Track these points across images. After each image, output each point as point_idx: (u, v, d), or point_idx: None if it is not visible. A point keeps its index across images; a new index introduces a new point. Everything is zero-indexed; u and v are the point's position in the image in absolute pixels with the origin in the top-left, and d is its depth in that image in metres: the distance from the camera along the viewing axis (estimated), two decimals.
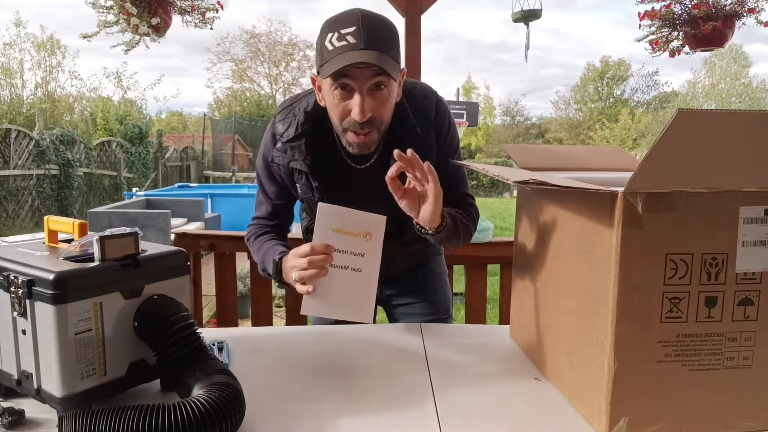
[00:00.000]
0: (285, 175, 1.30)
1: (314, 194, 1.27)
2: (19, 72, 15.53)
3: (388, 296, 1.56)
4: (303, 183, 1.28)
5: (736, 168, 0.77)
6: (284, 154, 1.26)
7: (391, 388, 1.00)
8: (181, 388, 0.84)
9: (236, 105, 26.35)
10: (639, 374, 0.82)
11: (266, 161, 1.32)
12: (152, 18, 2.78)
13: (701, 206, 0.78)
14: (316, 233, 1.05)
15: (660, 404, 0.83)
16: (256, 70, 27.96)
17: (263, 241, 1.33)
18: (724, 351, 0.82)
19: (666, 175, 0.76)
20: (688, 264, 0.79)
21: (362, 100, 1.09)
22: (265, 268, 1.29)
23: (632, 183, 0.77)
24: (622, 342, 0.81)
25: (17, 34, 15.73)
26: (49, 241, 0.97)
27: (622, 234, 0.78)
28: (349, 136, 1.15)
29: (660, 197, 0.78)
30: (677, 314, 0.80)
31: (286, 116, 1.28)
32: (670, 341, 0.81)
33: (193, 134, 21.97)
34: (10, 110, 12.90)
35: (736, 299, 0.81)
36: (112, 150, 13.06)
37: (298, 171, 1.26)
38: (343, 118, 1.14)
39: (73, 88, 17.74)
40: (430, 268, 1.56)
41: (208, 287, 2.44)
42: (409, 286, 1.54)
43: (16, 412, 0.84)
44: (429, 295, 1.54)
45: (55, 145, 10.86)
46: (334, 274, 1.05)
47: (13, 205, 9.91)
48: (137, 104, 17.22)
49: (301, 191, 1.31)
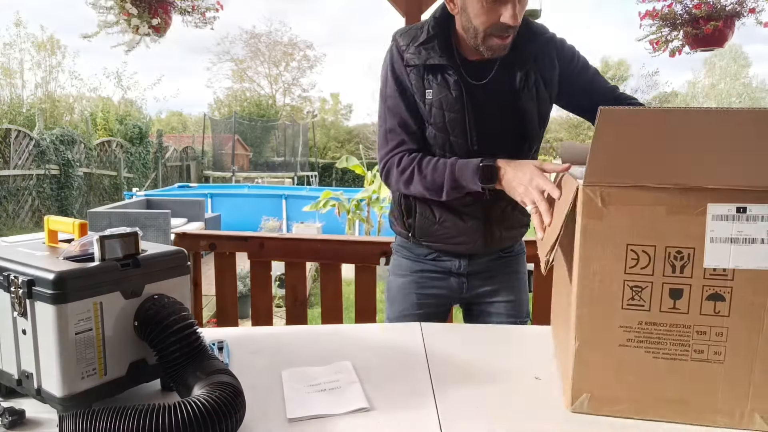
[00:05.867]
0: (416, 81, 1.32)
1: (451, 91, 1.30)
2: (19, 72, 15.56)
3: (474, 295, 1.53)
4: (438, 83, 1.31)
5: (706, 165, 0.79)
6: (419, 55, 1.31)
7: (391, 388, 1.00)
8: (182, 387, 0.84)
9: (236, 105, 26.35)
10: (600, 355, 0.86)
11: (396, 75, 1.35)
12: (153, 18, 2.78)
13: (666, 201, 0.81)
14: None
15: (623, 386, 0.87)
16: (256, 70, 27.97)
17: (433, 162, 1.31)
18: (692, 343, 0.84)
19: (628, 170, 0.80)
20: (651, 255, 0.82)
21: (514, 4, 1.19)
22: (461, 186, 1.27)
23: (589, 176, 0.82)
24: (582, 324, 0.86)
25: (17, 34, 15.77)
26: (49, 241, 0.97)
27: (582, 224, 0.83)
28: (493, 41, 1.24)
29: (621, 191, 0.81)
30: (639, 302, 0.84)
31: (407, 31, 1.37)
32: (632, 327, 0.85)
33: (193, 134, 21.99)
34: (10, 110, 12.89)
35: (705, 293, 0.82)
36: (112, 150, 13.06)
37: (434, 70, 1.30)
38: (489, 24, 1.21)
39: (73, 88, 17.81)
40: (516, 269, 1.56)
41: (208, 287, 2.44)
42: (496, 284, 1.53)
43: (16, 412, 0.84)
44: (514, 296, 1.54)
45: (55, 145, 10.87)
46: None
47: (13, 205, 9.92)
48: (137, 104, 17.24)
49: (434, 96, 1.31)
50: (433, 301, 1.54)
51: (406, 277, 1.55)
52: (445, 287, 1.52)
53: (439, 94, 1.31)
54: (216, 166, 17.54)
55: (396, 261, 1.60)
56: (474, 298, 1.54)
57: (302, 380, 1.01)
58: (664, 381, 0.85)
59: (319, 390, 0.98)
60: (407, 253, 1.56)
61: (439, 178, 1.30)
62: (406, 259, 1.56)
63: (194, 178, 16.34)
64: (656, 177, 0.80)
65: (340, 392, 0.97)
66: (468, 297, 1.54)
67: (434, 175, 1.30)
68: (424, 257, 1.52)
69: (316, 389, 0.98)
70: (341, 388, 0.99)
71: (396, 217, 1.54)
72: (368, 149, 24.32)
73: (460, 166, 1.27)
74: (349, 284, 2.43)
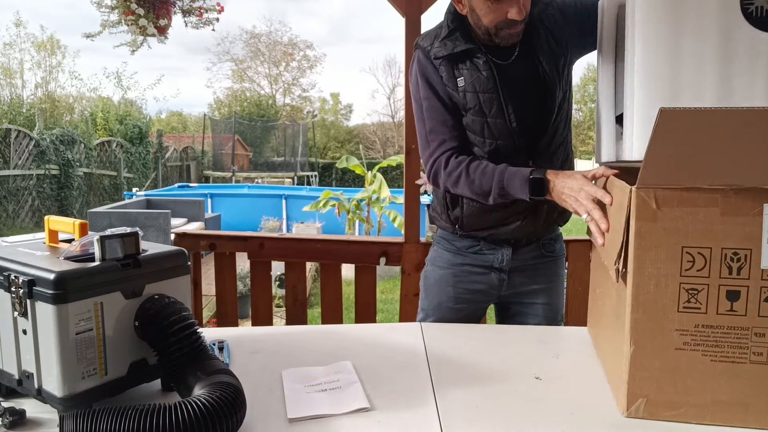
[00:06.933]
0: (446, 73, 1.36)
1: (481, 72, 1.33)
2: (19, 72, 15.54)
3: (513, 294, 1.52)
4: (468, 68, 1.34)
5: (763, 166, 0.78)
6: (445, 47, 1.35)
7: (392, 388, 1.00)
8: (182, 387, 0.84)
9: (236, 105, 26.33)
10: (656, 359, 0.85)
11: (426, 76, 1.39)
12: (159, 19, 2.78)
13: (721, 202, 0.80)
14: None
15: (680, 390, 0.85)
16: (256, 70, 27.95)
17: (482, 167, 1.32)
18: (751, 345, 0.82)
19: (684, 171, 0.79)
20: (706, 258, 0.81)
21: (518, 0, 1.23)
22: (508, 193, 1.28)
23: (643, 179, 0.81)
24: (637, 328, 0.85)
25: (17, 34, 15.75)
26: (50, 241, 0.97)
27: (636, 226, 0.83)
28: (503, 33, 1.29)
29: (675, 193, 0.80)
30: (696, 305, 0.83)
31: (427, 34, 1.42)
32: (689, 330, 0.83)
33: (193, 134, 21.98)
34: (10, 110, 12.89)
35: (763, 295, 0.81)
36: (112, 150, 13.06)
37: (462, 58, 1.34)
38: (497, 21, 1.27)
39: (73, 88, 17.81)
40: (557, 271, 1.55)
41: (208, 287, 2.44)
42: (537, 284, 1.52)
43: (17, 412, 0.84)
44: (553, 298, 1.53)
45: (55, 145, 10.86)
46: None
47: (13, 205, 9.91)
48: (137, 104, 17.20)
49: (466, 82, 1.34)
50: (471, 297, 1.51)
51: (446, 270, 1.52)
52: (484, 282, 1.49)
53: (471, 78, 1.34)
54: (216, 166, 17.53)
55: (436, 252, 1.57)
56: (512, 297, 1.52)
57: (302, 380, 1.01)
58: (722, 384, 0.84)
59: (319, 390, 0.98)
60: (449, 246, 1.53)
61: (486, 184, 1.31)
62: (447, 251, 1.53)
63: (194, 178, 16.33)
64: (711, 178, 0.80)
65: (340, 392, 0.97)
66: (506, 295, 1.52)
67: (482, 180, 1.31)
68: (467, 250, 1.50)
69: (316, 389, 0.98)
70: (341, 388, 0.99)
71: (439, 212, 1.53)
72: (368, 149, 24.35)
73: (509, 175, 1.28)
74: (349, 284, 2.44)
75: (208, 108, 28.15)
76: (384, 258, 2.17)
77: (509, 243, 1.47)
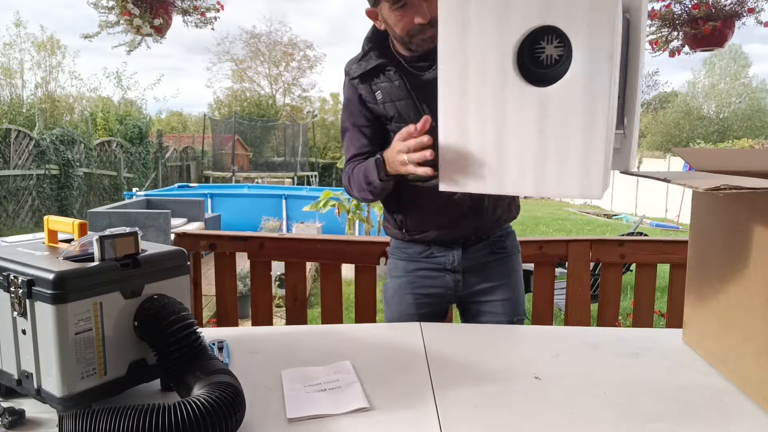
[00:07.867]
0: (365, 91, 1.43)
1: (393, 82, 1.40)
2: (19, 72, 15.55)
3: (469, 293, 1.55)
4: (382, 81, 1.41)
5: None
6: (360, 66, 1.43)
7: (391, 388, 1.00)
8: (181, 387, 0.84)
9: (236, 105, 26.35)
10: None
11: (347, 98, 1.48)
12: (155, 19, 2.78)
13: None
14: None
15: None
16: (256, 70, 27.98)
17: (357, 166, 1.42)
18: None
19: None
20: None
21: (421, 3, 1.28)
22: (370, 181, 1.36)
23: None
24: None
25: (17, 34, 15.76)
26: (49, 241, 0.97)
27: None
28: (417, 40, 1.34)
29: None
30: None
31: (350, 60, 1.48)
32: None
33: (193, 134, 21.99)
34: (10, 110, 12.90)
35: None
36: (112, 150, 13.06)
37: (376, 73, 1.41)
38: (408, 28, 1.32)
39: (73, 88, 17.83)
40: (512, 267, 1.57)
41: (208, 287, 2.44)
42: (491, 282, 1.54)
43: (16, 412, 0.84)
44: (510, 294, 1.55)
45: (55, 145, 10.87)
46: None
47: (13, 205, 9.91)
48: (137, 104, 17.21)
49: (383, 94, 1.42)
50: (430, 301, 1.55)
51: (402, 278, 1.57)
52: (440, 285, 1.54)
53: (386, 89, 1.42)
54: (216, 166, 17.54)
55: (392, 263, 1.62)
56: (470, 296, 1.55)
57: (302, 380, 1.01)
58: None
59: (319, 390, 0.98)
60: (401, 254, 1.59)
61: (360, 178, 1.40)
62: (401, 260, 1.58)
63: (194, 178, 16.34)
64: None
65: (340, 392, 0.97)
66: (464, 295, 1.55)
67: (358, 175, 1.41)
68: (419, 255, 1.55)
69: (315, 389, 0.98)
70: (341, 388, 0.99)
71: (388, 220, 1.59)
72: None
73: (368, 164, 1.37)
74: (349, 284, 2.44)
75: (208, 108, 28.18)
76: (384, 258, 2.17)
77: (459, 243, 1.51)
